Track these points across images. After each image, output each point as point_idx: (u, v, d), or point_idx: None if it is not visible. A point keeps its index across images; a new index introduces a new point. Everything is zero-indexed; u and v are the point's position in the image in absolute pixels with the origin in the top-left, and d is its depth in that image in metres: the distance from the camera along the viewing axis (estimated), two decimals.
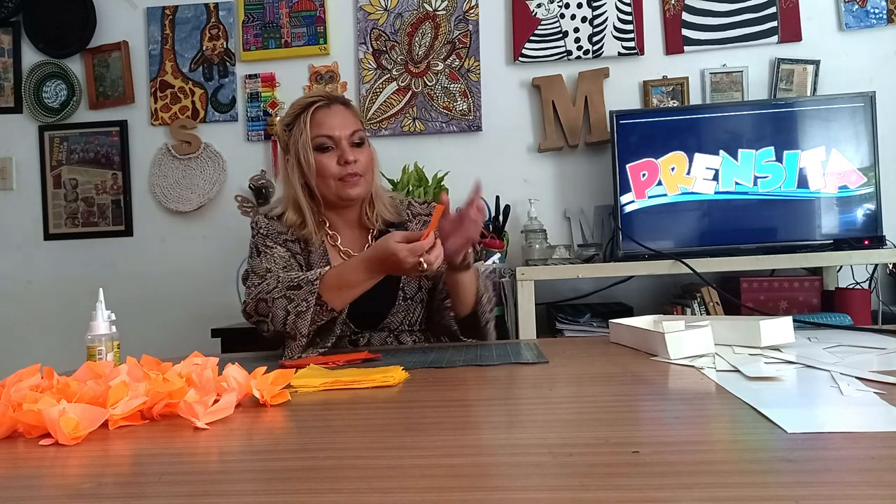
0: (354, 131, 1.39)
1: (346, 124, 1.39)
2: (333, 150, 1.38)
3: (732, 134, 2.15)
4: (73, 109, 2.61)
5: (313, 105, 1.39)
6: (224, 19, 2.57)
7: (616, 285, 2.35)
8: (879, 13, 2.36)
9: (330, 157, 1.37)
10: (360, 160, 1.38)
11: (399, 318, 1.41)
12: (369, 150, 1.43)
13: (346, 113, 1.41)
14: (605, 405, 0.76)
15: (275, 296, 1.23)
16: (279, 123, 1.46)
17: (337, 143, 1.37)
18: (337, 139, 1.37)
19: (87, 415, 0.68)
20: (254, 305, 1.26)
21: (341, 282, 1.22)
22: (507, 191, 2.39)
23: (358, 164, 1.37)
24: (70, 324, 2.51)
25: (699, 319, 1.20)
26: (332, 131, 1.37)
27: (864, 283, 2.19)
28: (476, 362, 1.06)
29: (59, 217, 2.61)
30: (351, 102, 1.46)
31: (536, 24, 2.45)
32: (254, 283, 1.31)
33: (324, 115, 1.39)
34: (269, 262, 1.34)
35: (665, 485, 0.47)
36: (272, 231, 1.41)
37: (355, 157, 1.37)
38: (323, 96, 1.41)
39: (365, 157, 1.40)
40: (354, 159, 1.36)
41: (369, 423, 0.72)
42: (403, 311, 1.41)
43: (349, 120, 1.40)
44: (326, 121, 1.38)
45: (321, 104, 1.40)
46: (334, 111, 1.40)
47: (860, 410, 0.65)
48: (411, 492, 0.48)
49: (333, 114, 1.39)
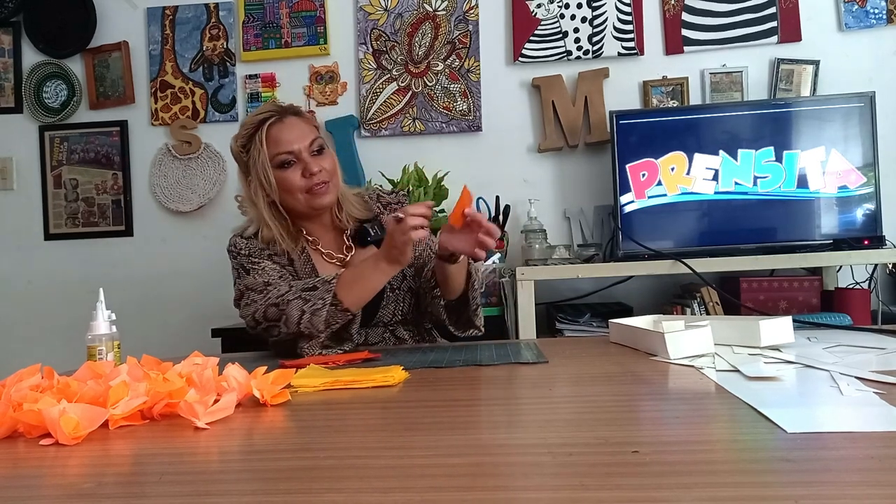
0: (312, 140, 1.36)
1: (303, 135, 1.35)
2: (296, 164, 1.34)
3: (732, 134, 2.15)
4: (73, 109, 2.61)
5: (266, 122, 1.35)
6: (224, 19, 2.57)
7: (616, 285, 2.35)
8: (879, 13, 2.36)
9: (293, 171, 1.34)
10: (324, 168, 1.35)
11: (390, 310, 1.41)
12: (331, 155, 1.40)
13: (300, 123, 1.38)
14: (605, 405, 0.76)
15: (289, 298, 1.23)
16: (234, 143, 1.39)
17: (298, 156, 1.34)
18: (297, 153, 1.34)
19: (87, 415, 0.68)
20: (263, 312, 1.26)
21: (355, 277, 1.24)
22: (507, 191, 2.39)
23: (323, 172, 1.35)
24: (70, 324, 2.50)
25: (699, 319, 1.20)
26: (290, 146, 1.34)
27: (864, 283, 2.19)
28: (476, 362, 1.06)
29: (59, 217, 2.62)
30: (301, 109, 1.43)
31: (536, 25, 2.45)
32: (253, 298, 1.30)
33: (278, 130, 1.34)
34: (263, 277, 1.32)
35: (665, 485, 0.47)
36: (253, 249, 1.38)
37: (319, 166, 1.34)
38: (273, 111, 1.37)
39: (328, 163, 1.37)
40: (319, 168, 1.34)
41: (369, 423, 0.72)
42: (393, 302, 1.40)
43: (305, 130, 1.37)
44: (282, 136, 1.34)
45: (273, 119, 1.35)
46: (288, 124, 1.35)
47: (860, 410, 0.66)
48: (411, 492, 0.48)
49: (288, 127, 1.35)
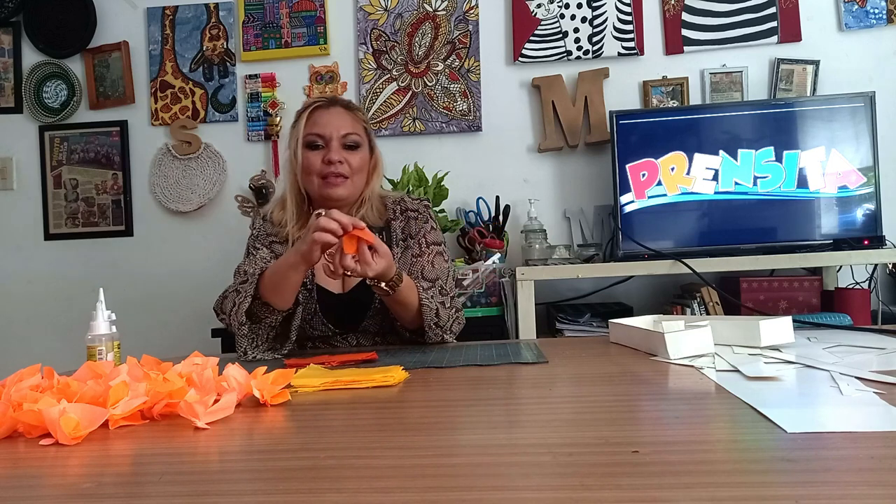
0: (348, 133, 1.40)
1: (341, 125, 1.40)
2: (323, 148, 1.39)
3: (732, 134, 2.15)
4: (73, 109, 2.61)
5: (315, 105, 1.43)
6: (224, 19, 2.57)
7: (616, 285, 2.35)
8: (879, 13, 2.36)
9: (317, 154, 1.39)
10: (347, 161, 1.38)
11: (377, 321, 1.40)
12: (364, 154, 1.42)
13: (344, 114, 1.42)
14: (605, 405, 0.76)
15: (231, 290, 1.30)
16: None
17: (327, 141, 1.39)
18: (327, 138, 1.39)
19: (87, 415, 0.68)
20: (220, 302, 1.33)
21: (274, 272, 1.25)
22: (507, 191, 2.40)
23: (343, 165, 1.37)
24: (70, 324, 2.51)
25: (699, 319, 1.20)
26: (323, 130, 1.39)
27: (864, 283, 2.19)
28: (476, 362, 1.06)
29: (59, 217, 2.62)
30: (354, 105, 1.47)
31: (536, 25, 2.45)
32: (228, 286, 1.36)
33: (320, 114, 1.41)
34: (250, 266, 1.37)
35: (665, 485, 0.47)
36: (262, 233, 1.46)
37: (342, 157, 1.38)
38: (326, 98, 1.46)
39: (355, 159, 1.40)
40: (340, 160, 1.37)
41: (369, 423, 0.72)
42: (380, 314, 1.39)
43: (345, 122, 1.41)
44: (321, 119, 1.41)
45: (321, 105, 1.43)
46: (332, 112, 1.42)
47: (860, 410, 0.66)
48: (411, 492, 0.48)
49: (330, 114, 1.41)
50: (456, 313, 1.35)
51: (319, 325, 1.39)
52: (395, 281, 1.22)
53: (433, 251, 1.41)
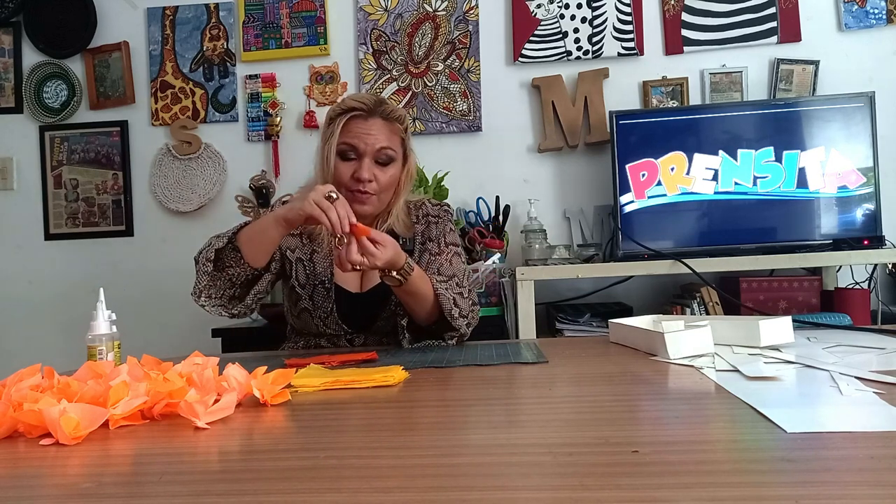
0: (382, 148, 1.35)
1: (377, 140, 1.35)
2: (355, 160, 1.35)
3: (732, 134, 2.15)
4: (73, 109, 2.61)
5: (354, 111, 1.35)
6: (224, 20, 2.57)
7: (616, 285, 2.35)
8: (879, 13, 2.36)
9: (348, 166, 1.35)
10: (377, 179, 1.35)
11: (391, 322, 1.40)
12: (395, 171, 1.38)
13: (383, 127, 1.36)
14: (605, 405, 0.76)
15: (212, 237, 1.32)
16: (331, 110, 1.40)
17: (360, 155, 1.35)
18: (361, 151, 1.34)
19: (87, 414, 0.68)
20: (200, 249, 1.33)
21: (256, 223, 1.28)
22: (507, 191, 2.40)
23: (372, 184, 1.35)
24: (70, 324, 2.51)
25: (698, 319, 1.20)
26: (357, 142, 1.34)
27: (864, 283, 2.19)
28: (476, 362, 1.06)
29: (59, 217, 2.62)
30: (395, 115, 1.38)
31: (536, 25, 2.45)
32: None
33: (357, 124, 1.35)
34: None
35: (665, 485, 0.47)
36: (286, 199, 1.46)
37: (372, 175, 1.34)
38: (365, 106, 1.36)
39: (386, 177, 1.36)
40: (369, 178, 1.34)
41: (369, 423, 0.72)
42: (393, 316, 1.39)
43: (382, 135, 1.35)
44: (357, 130, 1.34)
45: (360, 115, 1.35)
46: (370, 124, 1.35)
47: (860, 410, 0.66)
48: (411, 492, 0.48)
49: (368, 126, 1.35)
50: (473, 306, 1.36)
51: (333, 325, 1.39)
52: (405, 269, 1.22)
53: (451, 251, 1.42)
